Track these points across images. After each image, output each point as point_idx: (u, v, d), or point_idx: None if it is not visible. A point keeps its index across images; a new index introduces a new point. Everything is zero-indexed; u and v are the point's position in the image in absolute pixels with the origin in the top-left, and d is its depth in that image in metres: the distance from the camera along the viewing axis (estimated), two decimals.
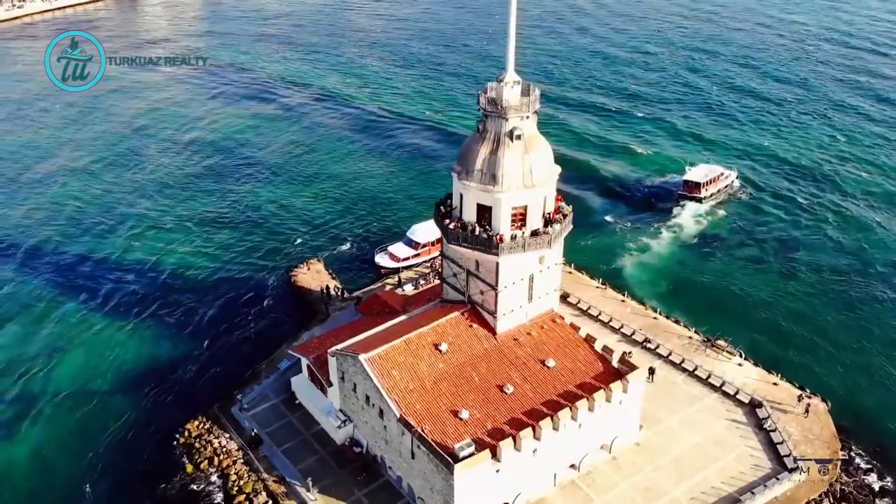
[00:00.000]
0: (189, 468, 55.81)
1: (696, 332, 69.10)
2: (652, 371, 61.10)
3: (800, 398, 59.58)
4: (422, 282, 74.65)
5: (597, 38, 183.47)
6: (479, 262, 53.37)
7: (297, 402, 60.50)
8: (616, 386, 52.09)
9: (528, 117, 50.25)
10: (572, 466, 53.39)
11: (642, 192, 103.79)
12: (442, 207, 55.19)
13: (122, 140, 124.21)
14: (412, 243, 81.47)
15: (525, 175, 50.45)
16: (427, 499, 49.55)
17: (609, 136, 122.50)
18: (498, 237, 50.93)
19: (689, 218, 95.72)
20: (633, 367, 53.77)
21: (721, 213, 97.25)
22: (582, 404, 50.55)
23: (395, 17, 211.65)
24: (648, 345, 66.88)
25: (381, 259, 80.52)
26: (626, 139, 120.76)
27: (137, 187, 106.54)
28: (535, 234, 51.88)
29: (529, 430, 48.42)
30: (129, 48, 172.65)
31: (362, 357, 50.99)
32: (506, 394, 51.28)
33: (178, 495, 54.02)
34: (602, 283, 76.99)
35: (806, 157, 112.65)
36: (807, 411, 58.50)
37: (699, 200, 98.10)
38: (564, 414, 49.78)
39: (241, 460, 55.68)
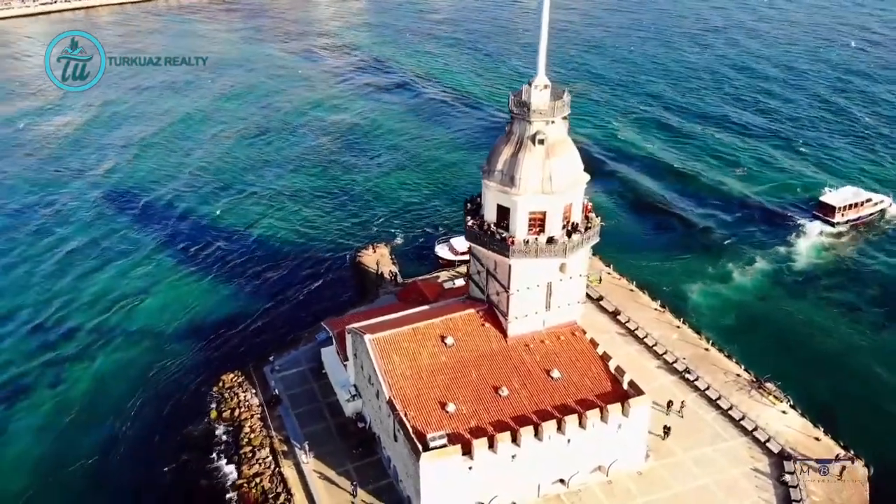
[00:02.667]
0: (213, 414, 61.08)
1: (745, 370, 64.39)
2: (669, 403, 57.84)
3: (837, 457, 54.10)
4: None
5: (732, 49, 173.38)
6: (497, 263, 53.53)
7: (323, 371, 63.87)
8: (614, 407, 50.28)
9: (553, 122, 49.63)
10: (561, 481, 52.30)
11: (746, 215, 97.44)
12: (469, 204, 55.85)
13: (251, 116, 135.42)
14: None
15: (544, 180, 49.88)
16: (404, 482, 50.87)
17: (724, 150, 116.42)
18: (510, 239, 50.89)
19: (800, 246, 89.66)
20: (639, 392, 51.69)
21: (844, 243, 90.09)
22: (571, 419, 49.37)
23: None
24: (688, 375, 63.32)
25: (441, 250, 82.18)
26: (742, 156, 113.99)
27: (249, 160, 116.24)
28: (550, 241, 51.19)
29: (508, 434, 48.20)
30: (295, 38, 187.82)
31: (367, 337, 53.05)
32: (500, 396, 51.19)
33: (199, 436, 59.39)
34: (661, 306, 73.62)
35: None
36: (841, 473, 53.02)
37: (831, 224, 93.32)
38: (549, 425, 48.89)
39: (258, 416, 59.93)
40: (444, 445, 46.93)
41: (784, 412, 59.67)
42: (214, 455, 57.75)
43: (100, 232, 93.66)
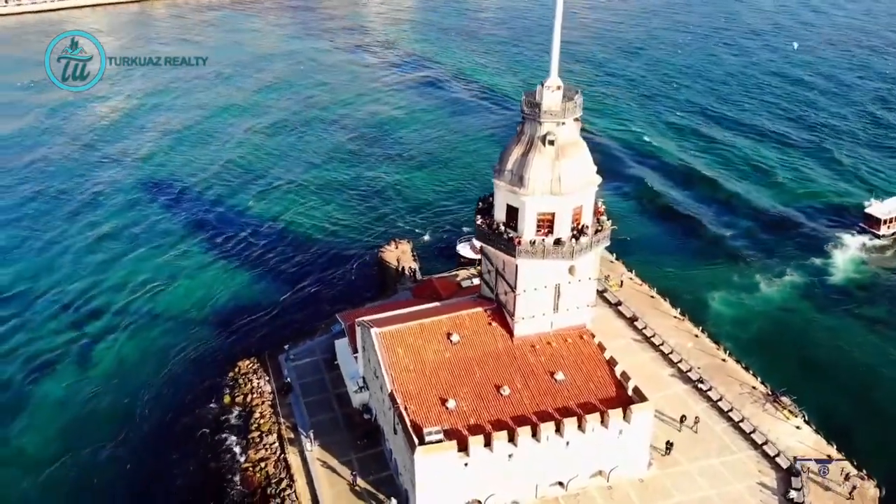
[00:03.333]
0: (226, 399, 62.75)
1: (762, 382, 62.97)
2: (682, 418, 56.93)
3: (847, 476, 52.57)
4: None
5: (772, 55, 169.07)
6: (505, 263, 53.61)
7: (335, 362, 64.91)
8: (615, 413, 49.90)
9: (563, 123, 49.45)
10: (560, 484, 52.15)
11: (780, 225, 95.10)
12: (481, 203, 56.05)
13: (289, 109, 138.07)
14: None
15: (553, 181, 49.75)
16: (403, 475, 51.43)
17: (759, 158, 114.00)
18: (517, 240, 50.95)
19: (838, 259, 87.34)
20: (642, 399, 51.17)
21: (888, 257, 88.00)
22: (570, 422, 49.19)
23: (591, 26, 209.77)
24: (701, 385, 62.28)
25: (463, 248, 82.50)
26: (778, 166, 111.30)
27: (283, 153, 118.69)
28: (558, 242, 51.05)
29: (505, 432, 48.33)
30: (340, 34, 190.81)
31: (374, 331, 53.79)
32: (501, 395, 51.31)
33: (211, 419, 61.18)
34: (681, 314, 72.42)
35: None
36: (851, 494, 51.52)
37: (877, 237, 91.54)
38: (547, 426, 48.82)
39: (269, 402, 61.31)
40: (440, 440, 47.35)
41: (798, 427, 58.12)
42: (224, 438, 59.36)
43: (134, 218, 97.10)
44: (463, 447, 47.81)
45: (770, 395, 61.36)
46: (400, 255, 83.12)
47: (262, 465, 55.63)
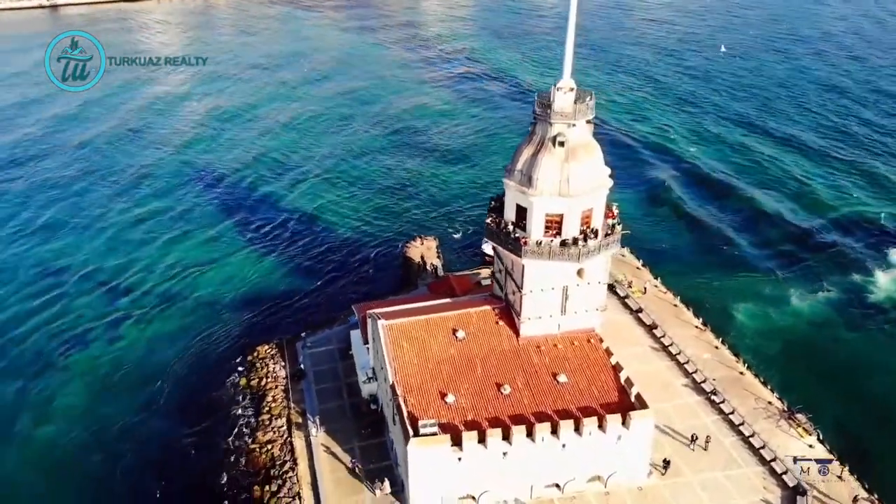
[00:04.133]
0: (243, 381, 64.84)
1: (779, 398, 61.40)
2: (693, 438, 55.92)
3: (855, 499, 50.92)
4: None
5: (818, 65, 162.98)
6: (513, 263, 53.86)
7: (350, 352, 66.20)
8: (613, 418, 49.60)
9: (573, 125, 49.35)
10: (557, 486, 52.12)
11: (821, 240, 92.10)
12: (494, 202, 56.34)
13: (337, 105, 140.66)
14: None
15: (562, 183, 49.72)
16: (401, 466, 52.28)
17: (800, 171, 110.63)
18: (524, 240, 51.13)
19: (880, 277, 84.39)
20: (643, 406, 50.69)
21: None
22: (566, 424, 49.14)
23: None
24: (714, 397, 61.15)
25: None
26: (822, 180, 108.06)
27: (327, 147, 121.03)
28: (564, 244, 51.01)
29: (500, 430, 48.62)
30: (393, 31, 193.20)
31: (381, 323, 54.76)
32: (501, 393, 51.62)
33: (225, 401, 63.30)
34: (703, 324, 71.11)
35: None
36: None
37: None
38: (543, 427, 48.89)
39: (282, 387, 63.10)
40: (434, 433, 48.06)
41: (811, 446, 56.49)
42: (237, 418, 61.40)
43: (174, 202, 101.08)
44: (457, 442, 48.37)
45: (786, 411, 59.82)
46: (425, 251, 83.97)
47: (269, 446, 57.35)
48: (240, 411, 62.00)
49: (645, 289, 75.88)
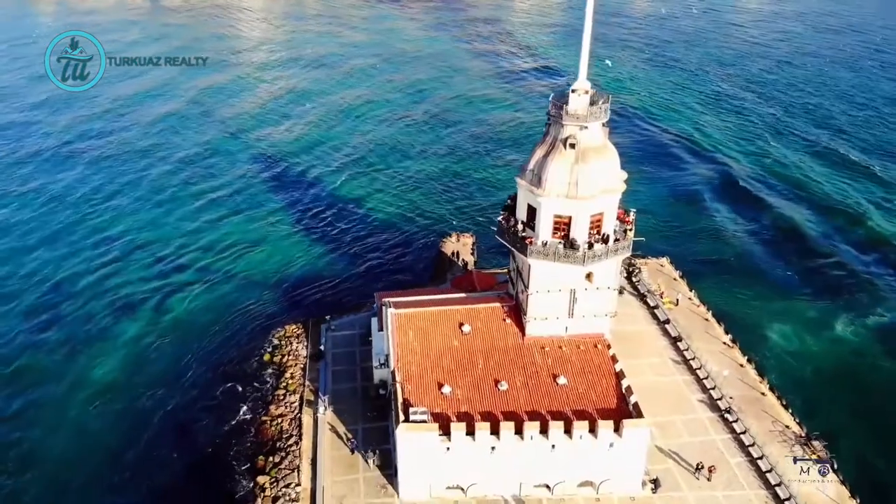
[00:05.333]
0: (266, 357, 68.02)
1: (798, 422, 59.10)
2: (699, 466, 54.08)
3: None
4: None
5: None
6: (522, 262, 54.33)
7: (369, 338, 68.11)
8: (605, 423, 49.31)
9: (585, 127, 49.29)
10: (547, 487, 52.24)
11: (879, 266, 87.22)
12: (511, 201, 56.82)
13: (403, 101, 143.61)
14: None
15: (570, 185, 49.81)
16: (396, 450, 53.73)
17: (867, 193, 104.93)
18: (529, 240, 51.50)
19: None
20: (639, 415, 50.11)
21: None
22: (556, 424, 49.25)
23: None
24: (727, 415, 59.47)
25: None
26: (886, 211, 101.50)
27: (385, 141, 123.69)
28: (569, 246, 51.05)
29: (488, 424, 49.25)
30: (482, 30, 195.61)
31: (390, 311, 56.47)
32: (498, 389, 52.27)
33: (249, 374, 66.64)
34: (732, 341, 69.06)
35: None
36: None
37: None
38: (532, 426, 49.19)
39: (301, 366, 65.82)
40: (424, 421, 49.28)
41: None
42: (256, 390, 64.63)
43: (238, 186, 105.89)
44: (446, 431, 49.39)
45: (802, 436, 57.62)
46: (460, 247, 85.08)
47: (279, 420, 60.08)
48: (259, 385, 65.20)
49: (677, 301, 74.32)
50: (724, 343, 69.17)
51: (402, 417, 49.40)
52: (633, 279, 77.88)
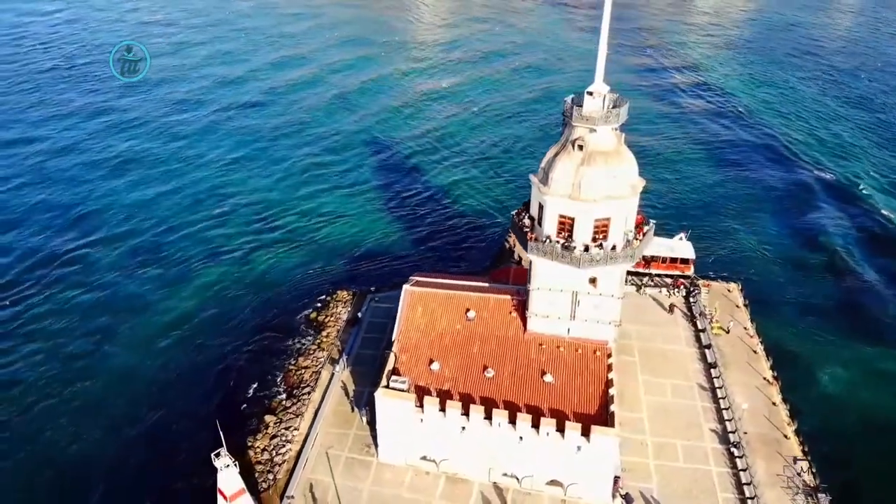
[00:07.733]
0: (313, 315, 74.44)
1: (813, 472, 54.97)
2: None
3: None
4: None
5: None
6: (531, 259, 55.43)
7: None
8: (572, 426, 49.64)
9: (594, 130, 49.40)
10: (516, 479, 53.37)
11: None
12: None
13: (499, 97, 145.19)
14: None
15: (574, 186, 50.26)
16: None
17: None
18: (531, 236, 52.60)
19: None
20: (610, 425, 49.82)
21: None
22: (524, 417, 50.35)
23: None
24: (734, 450, 56.65)
25: None
26: None
27: (486, 133, 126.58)
28: (567, 247, 51.51)
29: (459, 404, 51.40)
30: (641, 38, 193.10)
31: (405, 287, 60.02)
32: (484, 375, 54.18)
33: (295, 327, 73.70)
34: (775, 377, 64.67)
35: None
36: None
37: None
38: (500, 413, 50.73)
39: (339, 328, 71.28)
40: (402, 390, 52.52)
41: None
42: (295, 342, 71.21)
43: (349, 166, 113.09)
44: (421, 404, 52.27)
45: (809, 486, 53.74)
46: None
47: (303, 371, 66.02)
48: (300, 338, 71.65)
49: (728, 328, 70.90)
50: (765, 378, 65.29)
51: (384, 383, 53.02)
52: (690, 299, 75.17)
